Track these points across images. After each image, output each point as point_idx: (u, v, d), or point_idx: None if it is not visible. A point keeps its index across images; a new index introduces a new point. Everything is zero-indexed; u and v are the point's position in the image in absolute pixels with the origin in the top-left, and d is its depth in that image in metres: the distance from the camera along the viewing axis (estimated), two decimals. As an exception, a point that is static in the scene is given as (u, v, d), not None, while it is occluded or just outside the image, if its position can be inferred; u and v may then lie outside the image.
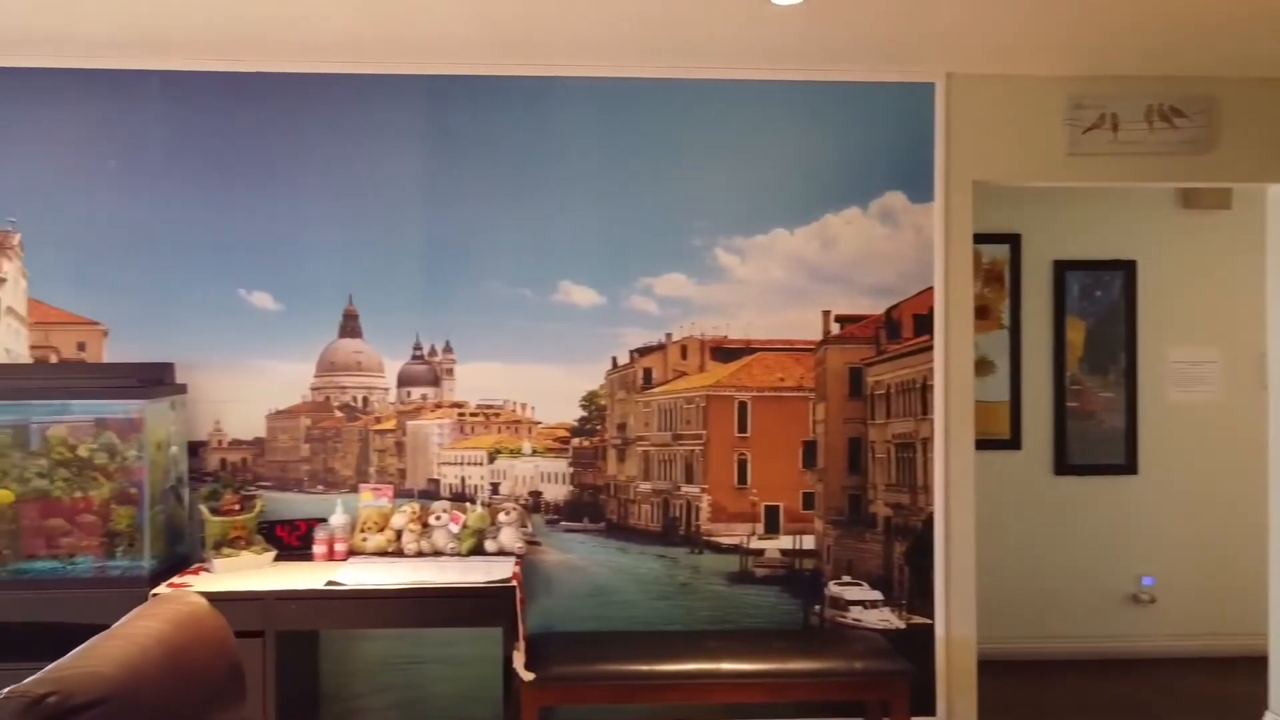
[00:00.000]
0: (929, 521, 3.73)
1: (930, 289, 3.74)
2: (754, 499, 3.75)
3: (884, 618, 3.74)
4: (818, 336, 3.74)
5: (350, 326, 3.65)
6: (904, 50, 3.52)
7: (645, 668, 3.29)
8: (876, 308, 3.75)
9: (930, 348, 3.73)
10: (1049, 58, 3.59)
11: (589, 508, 3.72)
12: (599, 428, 3.72)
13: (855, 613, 3.75)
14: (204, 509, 3.40)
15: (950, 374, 3.75)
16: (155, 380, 3.37)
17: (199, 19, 3.14)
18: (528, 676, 3.20)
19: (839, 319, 3.74)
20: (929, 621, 3.73)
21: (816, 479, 3.76)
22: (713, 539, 3.73)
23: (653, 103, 3.67)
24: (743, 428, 3.74)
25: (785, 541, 3.75)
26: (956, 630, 3.75)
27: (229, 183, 3.59)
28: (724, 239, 3.71)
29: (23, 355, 3.56)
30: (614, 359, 3.71)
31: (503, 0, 2.98)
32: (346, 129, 3.62)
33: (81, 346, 3.58)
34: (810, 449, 3.76)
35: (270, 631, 3.09)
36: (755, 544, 3.74)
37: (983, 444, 4.79)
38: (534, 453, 3.71)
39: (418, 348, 3.68)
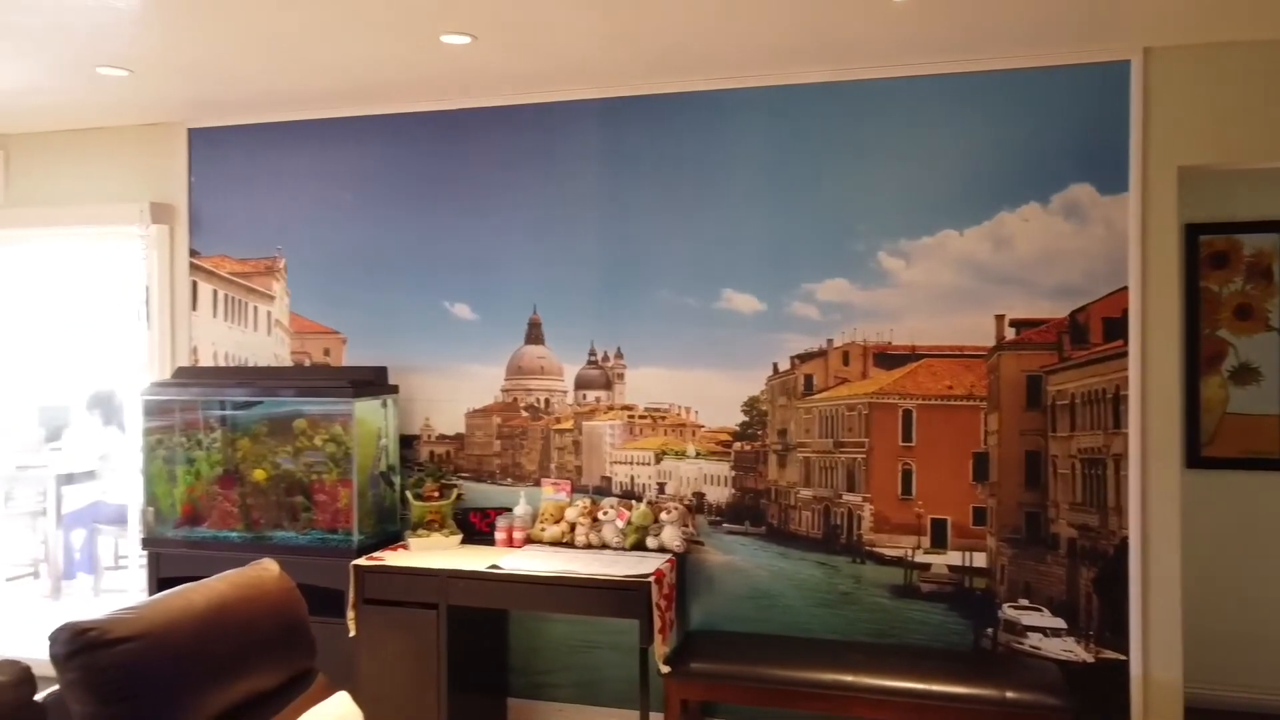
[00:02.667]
0: (1123, 547, 3.37)
1: (1124, 289, 3.37)
2: (919, 511, 3.60)
3: (1067, 648, 3.44)
4: (990, 342, 3.52)
5: (534, 334, 4.01)
6: (1091, 29, 3.22)
7: (785, 673, 3.32)
8: (1058, 311, 3.45)
9: (1124, 354, 3.37)
10: (1265, 19, 3.11)
11: (750, 511, 3.79)
12: (760, 433, 3.77)
13: (1033, 639, 3.48)
14: (409, 494, 3.92)
15: (1150, 384, 3.36)
16: (367, 382, 3.93)
17: (409, 70, 3.62)
18: (664, 669, 3.35)
19: (1014, 323, 3.49)
20: (1123, 658, 3.37)
21: (988, 493, 3.53)
22: (875, 549, 3.64)
23: (815, 107, 3.66)
24: (907, 437, 3.61)
25: (954, 557, 3.57)
26: (1158, 670, 3.35)
27: (436, 209, 4.09)
28: (888, 242, 3.61)
29: (286, 359, 4.30)
30: (775, 365, 3.74)
31: (673, 22, 3.14)
32: (533, 154, 3.97)
33: (327, 352, 4.26)
34: (981, 461, 3.54)
35: (443, 604, 3.51)
36: (921, 558, 3.60)
37: (1247, 463, 4.22)
38: (697, 455, 3.84)
39: (593, 353, 3.95)
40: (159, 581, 3.97)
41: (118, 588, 6.16)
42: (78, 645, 1.68)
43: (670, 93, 3.80)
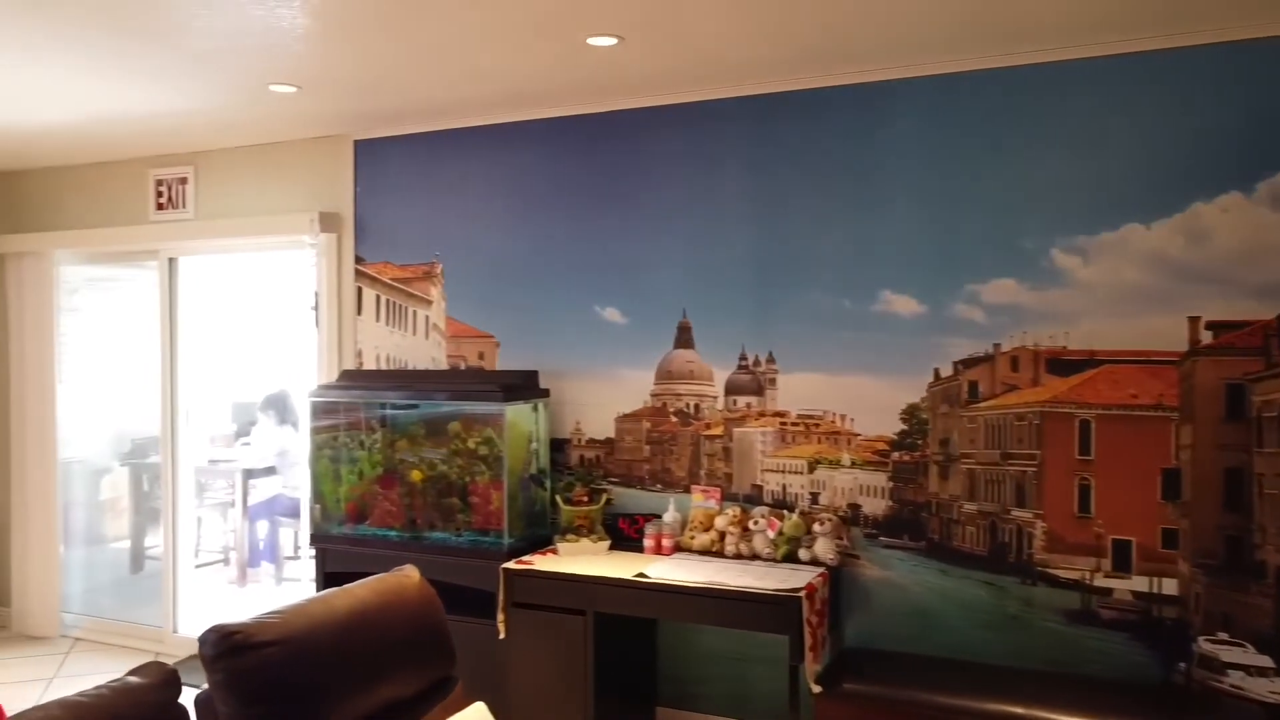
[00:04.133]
0: (1344, 579, 2.98)
1: (1346, 287, 2.98)
2: (1099, 530, 3.30)
3: (1276, 689, 3.07)
4: (1183, 347, 3.18)
5: (684, 338, 3.94)
6: (1304, -7, 2.86)
7: (948, 700, 3.12)
8: (1264, 311, 3.09)
9: (1346, 360, 2.98)
10: None
11: (909, 524, 3.58)
12: (920, 442, 3.56)
13: (1235, 678, 3.12)
14: (559, 498, 3.92)
15: (1377, 394, 2.95)
16: (518, 386, 3.96)
17: (558, 73, 3.63)
18: (815, 689, 3.21)
19: (1211, 326, 3.15)
20: (1344, 704, 2.98)
21: (1180, 514, 3.20)
22: (1048, 570, 3.36)
23: (980, 96, 3.42)
24: (1085, 449, 3.32)
25: (1139, 583, 3.25)
26: (1387, 721, 2.95)
27: (587, 212, 4.09)
28: (1062, 239, 3.33)
29: (443, 362, 4.40)
30: (936, 371, 3.52)
31: (826, 11, 3.01)
32: (683, 154, 3.90)
33: (481, 355, 4.33)
34: (1172, 478, 3.21)
35: (590, 611, 3.49)
36: (1101, 581, 3.30)
37: None
38: (853, 464, 3.67)
39: (743, 358, 3.84)
40: (325, 576, 4.14)
41: (295, 577, 6.52)
42: (224, 648, 1.73)
43: (823, 86, 3.65)
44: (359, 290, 4.57)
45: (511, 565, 3.64)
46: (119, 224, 5.17)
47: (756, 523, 3.67)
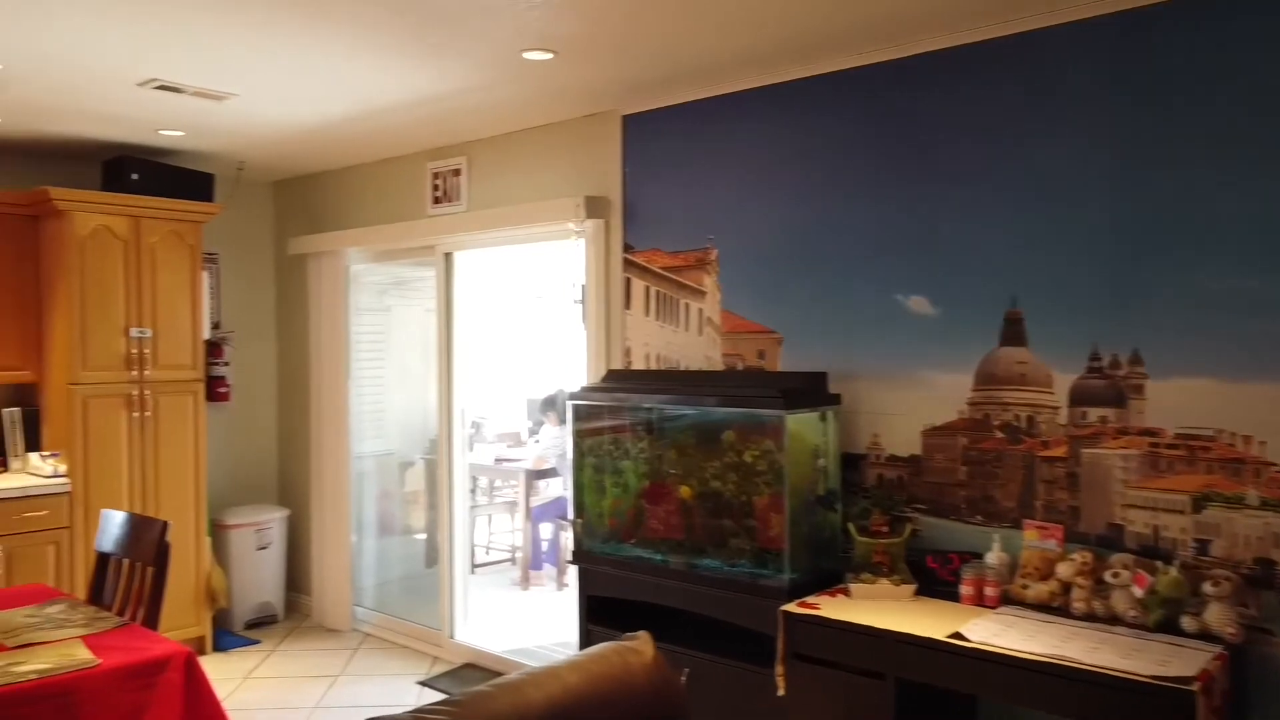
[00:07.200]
0: None
1: None
2: None
3: None
4: None
5: (1012, 333, 3.10)
6: None
7: None
8: None
9: None
10: None
11: (1355, 595, 2.53)
12: (1374, 478, 2.50)
13: None
14: (852, 527, 3.24)
15: None
16: (802, 390, 3.32)
17: (855, 5, 2.97)
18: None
19: None
20: None
21: None
22: None
23: None
24: None
25: None
26: None
27: (887, 182, 3.36)
28: None
29: (718, 362, 3.85)
30: (1403, 377, 2.45)
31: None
32: (1013, 102, 3.08)
33: (761, 354, 3.73)
34: None
35: (891, 676, 2.78)
36: None
37: None
38: (1263, 505, 2.66)
39: (1095, 358, 2.94)
40: (587, 600, 3.73)
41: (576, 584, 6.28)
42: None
43: (1219, -11, 2.68)
44: (627, 281, 4.13)
45: (794, 608, 3.00)
46: (404, 219, 5.11)
47: (1117, 575, 2.77)
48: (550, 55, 3.38)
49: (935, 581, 3.14)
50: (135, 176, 4.82)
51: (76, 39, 3.21)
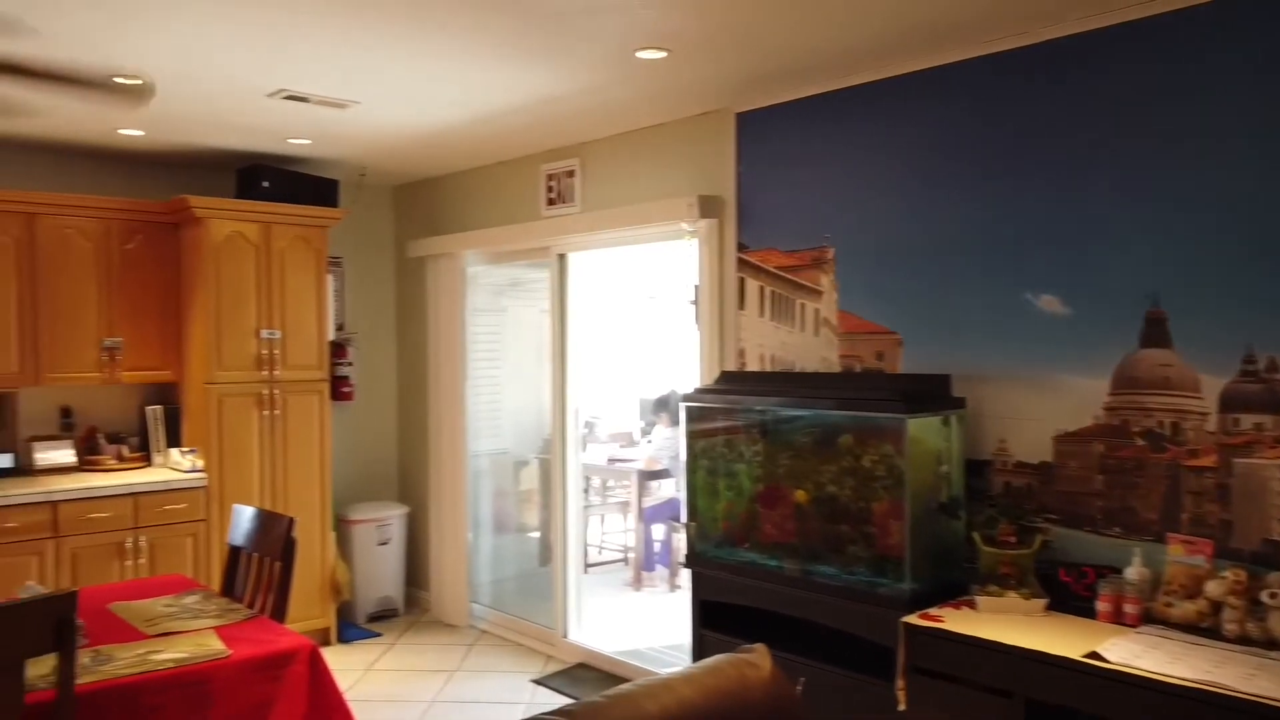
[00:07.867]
0: None
1: None
2: None
3: None
4: None
5: (1155, 333, 2.91)
6: None
7: None
8: None
9: None
10: None
11: None
12: None
13: None
14: (977, 536, 3.10)
15: None
16: (923, 393, 3.19)
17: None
18: None
19: None
20: None
21: None
22: None
23: None
24: None
25: None
26: None
27: (1014, 175, 3.20)
28: None
29: (835, 363, 3.75)
30: None
31: None
32: (1157, 86, 2.88)
33: (880, 356, 3.61)
34: None
35: (1020, 696, 2.64)
36: None
37: None
38: None
39: (1250, 360, 2.73)
40: (701, 605, 3.68)
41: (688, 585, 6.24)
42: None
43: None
44: (741, 281, 4.06)
45: (915, 620, 2.89)
46: (519, 221, 5.17)
47: (1275, 595, 2.56)
48: (664, 54, 3.34)
49: (1068, 596, 2.97)
50: (266, 184, 5.02)
51: (213, 52, 3.34)
